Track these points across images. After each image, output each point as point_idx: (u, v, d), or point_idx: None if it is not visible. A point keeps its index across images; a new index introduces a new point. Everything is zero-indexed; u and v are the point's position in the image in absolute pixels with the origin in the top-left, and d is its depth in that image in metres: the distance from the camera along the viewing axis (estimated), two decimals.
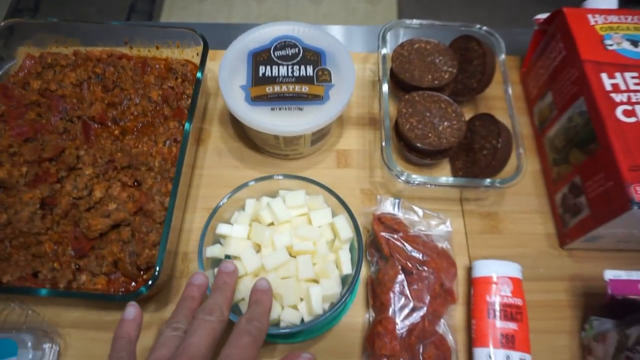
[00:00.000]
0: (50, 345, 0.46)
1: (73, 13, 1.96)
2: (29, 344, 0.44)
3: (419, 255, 0.51)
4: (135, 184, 0.52)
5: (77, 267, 0.47)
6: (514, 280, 0.50)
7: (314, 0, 2.05)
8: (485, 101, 0.65)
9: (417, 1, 2.03)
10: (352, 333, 0.50)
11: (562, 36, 0.57)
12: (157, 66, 0.59)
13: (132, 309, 0.38)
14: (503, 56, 0.61)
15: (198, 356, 0.31)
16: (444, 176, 0.58)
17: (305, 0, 2.04)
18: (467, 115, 0.63)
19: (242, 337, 0.32)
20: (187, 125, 0.50)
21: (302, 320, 0.44)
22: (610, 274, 0.48)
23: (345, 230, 0.47)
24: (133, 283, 0.47)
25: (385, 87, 0.57)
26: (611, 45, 0.54)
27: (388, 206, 0.56)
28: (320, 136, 0.56)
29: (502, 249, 0.56)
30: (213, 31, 0.69)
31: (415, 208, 0.56)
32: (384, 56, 0.61)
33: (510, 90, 0.59)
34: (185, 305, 0.37)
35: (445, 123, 0.56)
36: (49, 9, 1.98)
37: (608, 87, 0.51)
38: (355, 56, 0.69)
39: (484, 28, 0.62)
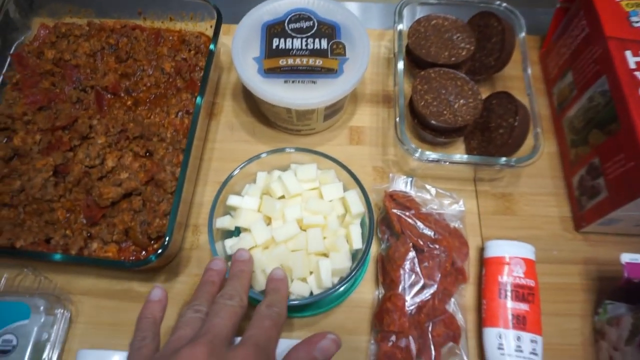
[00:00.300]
0: (62, 310, 0.46)
1: None
2: (42, 308, 0.44)
3: (430, 233, 0.50)
4: (147, 154, 0.52)
5: (88, 234, 0.47)
6: (527, 262, 0.49)
7: None
8: (502, 81, 0.64)
9: None
10: (361, 309, 0.50)
11: (585, 13, 0.55)
12: (170, 38, 0.58)
13: (158, 291, 0.38)
14: (523, 34, 0.60)
15: (222, 335, 0.31)
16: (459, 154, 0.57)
17: None
18: (484, 94, 0.62)
19: (264, 321, 0.32)
20: (198, 99, 0.50)
21: (311, 293, 0.44)
22: (627, 257, 0.47)
23: (357, 205, 0.47)
24: (143, 252, 0.47)
25: (400, 64, 0.56)
26: (637, 22, 0.52)
27: (400, 184, 0.55)
28: (333, 111, 0.55)
29: (515, 230, 0.55)
30: (227, 4, 0.68)
31: (428, 187, 0.55)
32: (400, 32, 0.59)
33: (529, 70, 0.57)
34: (206, 289, 0.37)
35: (461, 101, 0.55)
36: None
37: (632, 65, 0.49)
38: (371, 33, 0.67)
39: (504, 4, 0.61)
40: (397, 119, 0.53)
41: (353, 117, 0.61)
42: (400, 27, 0.60)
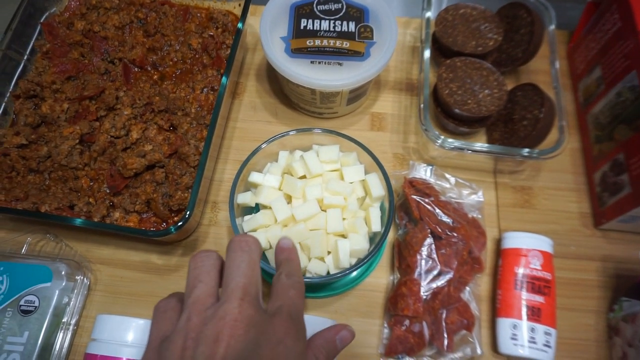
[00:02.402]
0: (82, 277, 0.47)
1: None
2: (63, 272, 0.45)
3: (449, 221, 0.50)
4: (171, 128, 0.52)
5: (111, 203, 0.48)
6: (545, 254, 0.49)
7: None
8: (527, 74, 0.63)
9: None
10: (376, 293, 0.50)
11: (617, 7, 0.54)
12: (198, 15, 0.59)
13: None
14: (552, 27, 0.59)
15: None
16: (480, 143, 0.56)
17: None
18: (509, 86, 0.61)
19: (289, 291, 0.31)
20: (224, 78, 0.50)
21: (328, 272, 0.44)
22: None
23: (377, 188, 0.47)
24: (164, 224, 0.48)
25: (427, 51, 0.56)
26: None
27: (420, 172, 0.55)
28: (357, 95, 0.55)
29: (533, 224, 0.55)
30: None
31: (448, 176, 0.55)
32: (428, 19, 0.59)
33: (557, 64, 0.57)
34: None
35: (486, 91, 0.55)
36: None
37: None
38: (397, 20, 0.67)
39: None
40: (422, 105, 0.53)
41: (375, 104, 0.61)
42: (428, 14, 0.59)
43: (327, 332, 0.33)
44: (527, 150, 0.51)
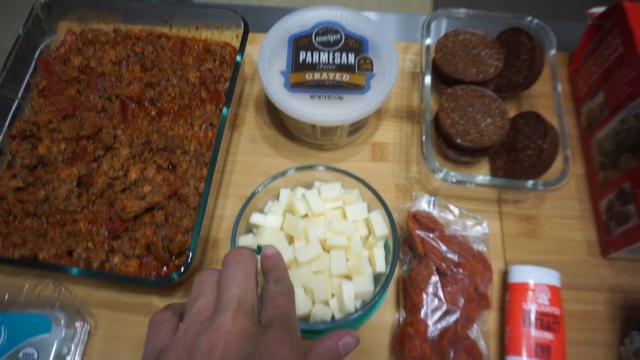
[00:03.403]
0: (82, 323, 0.46)
1: None
2: (62, 321, 0.44)
3: (454, 257, 0.49)
4: (170, 167, 0.51)
5: (110, 247, 0.47)
6: (552, 289, 0.48)
7: None
8: (529, 98, 0.62)
9: None
10: (381, 332, 0.49)
11: (619, 32, 0.54)
12: (195, 47, 0.58)
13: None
14: (553, 51, 0.58)
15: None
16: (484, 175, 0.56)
17: None
18: (510, 113, 0.61)
19: (278, 299, 0.31)
20: (224, 110, 0.50)
21: (333, 317, 0.43)
22: None
23: (381, 227, 0.46)
24: (164, 267, 0.47)
25: (427, 80, 0.55)
26: None
27: (423, 203, 0.54)
28: (357, 127, 0.55)
29: (540, 254, 0.54)
30: (252, 14, 0.68)
31: (452, 207, 0.54)
32: (428, 47, 0.58)
33: (559, 88, 0.56)
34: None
35: (488, 120, 0.54)
36: None
37: None
38: (396, 45, 0.66)
39: (535, 21, 0.59)
40: (423, 138, 0.52)
41: (376, 133, 0.60)
42: (427, 41, 0.59)
43: (329, 339, 0.32)
44: (531, 182, 0.50)
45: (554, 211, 0.56)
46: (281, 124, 0.60)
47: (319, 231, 0.45)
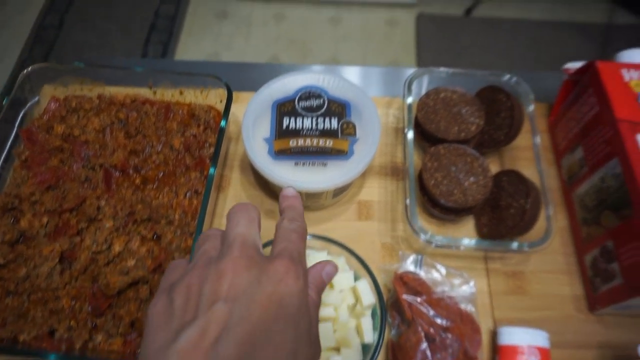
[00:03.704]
0: None
1: (97, 30, 1.99)
2: None
3: (442, 321, 0.49)
4: (155, 237, 0.51)
5: (93, 325, 0.46)
6: (542, 351, 0.48)
7: (333, 20, 2.05)
8: (510, 151, 0.64)
9: (435, 24, 2.02)
10: None
11: (594, 91, 0.55)
12: (180, 112, 0.58)
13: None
14: (532, 107, 0.60)
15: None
16: (468, 237, 0.55)
17: (324, 20, 2.05)
18: (493, 166, 0.62)
19: (291, 234, 0.33)
20: (211, 170, 0.50)
21: None
22: None
23: (368, 296, 0.46)
24: None
25: (410, 141, 0.56)
26: None
27: (410, 263, 0.54)
28: (342, 189, 0.55)
29: (528, 311, 0.54)
30: (236, 70, 0.69)
31: (438, 266, 0.54)
32: (410, 105, 0.59)
33: (538, 142, 0.57)
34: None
35: (471, 179, 0.55)
36: (72, 26, 2.01)
37: None
38: (378, 101, 0.68)
39: (514, 79, 0.61)
40: (408, 201, 0.52)
41: (361, 191, 0.61)
42: (409, 100, 0.60)
43: (313, 269, 0.34)
44: (516, 244, 0.51)
45: (540, 266, 0.57)
46: (266, 184, 0.60)
47: None
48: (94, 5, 2.07)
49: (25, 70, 0.56)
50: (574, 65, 0.61)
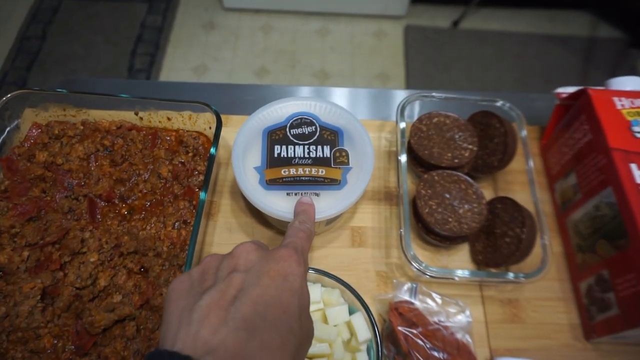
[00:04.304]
0: None
1: (81, 41, 1.96)
2: None
3: (439, 355, 0.48)
4: (142, 270, 0.49)
5: None
6: None
7: (321, 32, 2.05)
8: (504, 175, 0.63)
9: (423, 36, 2.04)
10: None
11: (587, 118, 0.55)
12: (167, 138, 0.57)
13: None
14: (525, 132, 0.60)
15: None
16: (462, 268, 0.55)
17: (312, 33, 2.05)
18: (486, 191, 0.61)
19: (299, 232, 0.38)
20: (199, 206, 0.48)
21: None
22: None
23: (363, 332, 0.45)
24: None
25: (404, 168, 0.55)
26: (639, 132, 0.52)
27: (404, 292, 0.53)
28: (335, 218, 0.54)
29: (524, 340, 0.53)
30: (225, 92, 0.68)
31: (434, 295, 0.53)
32: (403, 131, 0.59)
33: (532, 169, 0.57)
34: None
35: (466, 206, 0.54)
36: (56, 36, 1.98)
37: (638, 180, 0.48)
38: (370, 124, 0.67)
39: (507, 105, 0.60)
40: (402, 230, 0.51)
41: (354, 216, 0.60)
42: (402, 125, 0.59)
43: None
44: (512, 275, 0.50)
45: (535, 293, 0.56)
46: (257, 211, 0.58)
47: None
48: (79, 16, 2.04)
49: (5, 97, 0.54)
50: (566, 90, 0.61)
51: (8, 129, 0.55)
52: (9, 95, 0.54)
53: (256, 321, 0.28)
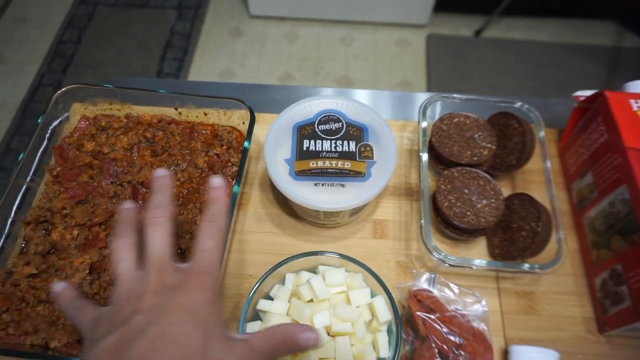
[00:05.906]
0: None
1: (114, 46, 2.04)
2: None
3: (455, 339, 0.50)
4: (179, 251, 0.53)
5: None
6: None
7: (344, 41, 2.09)
8: (522, 174, 0.66)
9: (445, 44, 2.06)
10: None
11: (603, 119, 0.57)
12: (204, 132, 0.61)
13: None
14: (542, 133, 0.62)
15: (166, 259, 0.36)
16: (480, 259, 0.57)
17: (335, 41, 2.09)
18: (504, 189, 0.64)
19: (205, 242, 0.37)
20: (233, 197, 0.52)
21: None
22: None
23: (384, 313, 0.48)
24: None
25: (425, 164, 0.58)
26: None
27: (423, 281, 0.56)
28: (359, 209, 0.57)
29: (538, 331, 0.55)
30: (254, 92, 0.72)
31: (452, 285, 0.56)
32: (424, 129, 0.62)
33: (549, 166, 0.59)
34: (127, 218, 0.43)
35: (484, 201, 0.57)
36: (90, 41, 2.07)
37: None
38: (394, 124, 0.70)
39: (526, 106, 0.63)
40: (422, 222, 0.54)
41: (377, 210, 0.63)
42: (424, 124, 0.62)
43: (291, 326, 0.36)
44: (527, 265, 0.52)
45: (551, 287, 0.58)
46: (285, 202, 0.62)
47: (325, 318, 0.47)
48: (112, 22, 2.13)
49: (59, 91, 0.59)
50: (584, 93, 0.63)
51: (60, 119, 0.60)
52: (63, 89, 0.59)
53: None
